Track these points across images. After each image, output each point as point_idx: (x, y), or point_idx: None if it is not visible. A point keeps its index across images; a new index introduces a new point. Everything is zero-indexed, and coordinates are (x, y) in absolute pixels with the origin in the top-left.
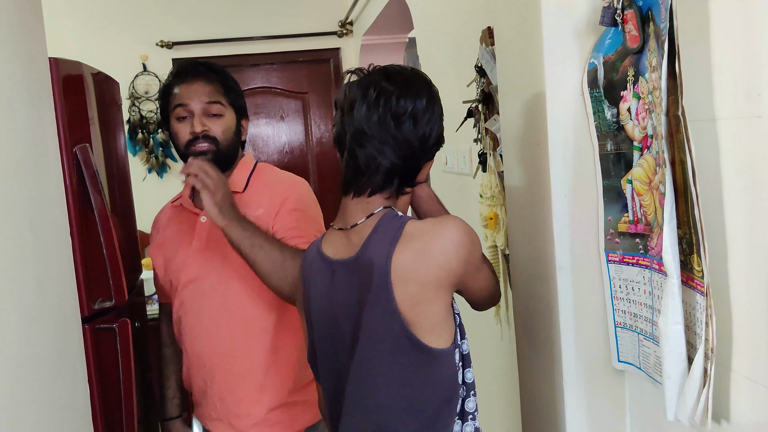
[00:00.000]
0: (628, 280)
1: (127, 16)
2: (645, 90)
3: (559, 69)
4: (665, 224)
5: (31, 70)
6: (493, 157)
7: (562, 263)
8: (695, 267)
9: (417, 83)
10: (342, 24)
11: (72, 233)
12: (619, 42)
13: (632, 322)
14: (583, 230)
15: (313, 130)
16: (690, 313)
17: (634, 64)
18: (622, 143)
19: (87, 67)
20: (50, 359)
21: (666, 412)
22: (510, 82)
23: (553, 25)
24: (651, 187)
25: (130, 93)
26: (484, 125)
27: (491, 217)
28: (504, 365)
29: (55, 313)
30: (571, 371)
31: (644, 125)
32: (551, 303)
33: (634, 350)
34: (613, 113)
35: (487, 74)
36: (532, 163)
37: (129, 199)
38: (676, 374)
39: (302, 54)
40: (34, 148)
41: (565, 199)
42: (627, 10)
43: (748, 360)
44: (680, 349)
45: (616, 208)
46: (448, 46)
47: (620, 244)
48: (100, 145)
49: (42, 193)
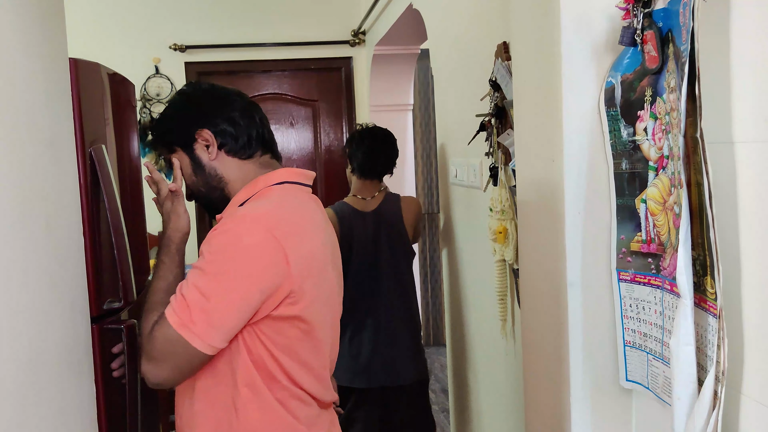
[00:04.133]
0: (639, 299)
1: (141, 18)
2: (662, 110)
3: (577, 86)
4: (680, 245)
5: (51, 70)
6: (505, 171)
7: (573, 280)
8: (708, 289)
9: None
10: (355, 33)
11: (84, 233)
12: (637, 62)
13: (642, 342)
14: (595, 248)
15: (322, 138)
16: (702, 335)
17: (652, 85)
18: (638, 162)
19: (104, 68)
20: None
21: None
22: (526, 98)
23: (572, 43)
24: (665, 207)
25: (141, 95)
26: (496, 139)
27: (500, 231)
28: (509, 381)
29: (66, 312)
30: (578, 389)
31: (660, 145)
32: (561, 319)
33: (642, 370)
34: (629, 132)
35: (502, 89)
36: (546, 178)
37: (140, 200)
38: (686, 396)
39: (314, 62)
40: (51, 148)
41: (578, 216)
42: (647, 31)
43: (759, 383)
44: (691, 371)
45: (629, 227)
46: (462, 59)
47: (632, 263)
48: (114, 146)
49: (58, 193)
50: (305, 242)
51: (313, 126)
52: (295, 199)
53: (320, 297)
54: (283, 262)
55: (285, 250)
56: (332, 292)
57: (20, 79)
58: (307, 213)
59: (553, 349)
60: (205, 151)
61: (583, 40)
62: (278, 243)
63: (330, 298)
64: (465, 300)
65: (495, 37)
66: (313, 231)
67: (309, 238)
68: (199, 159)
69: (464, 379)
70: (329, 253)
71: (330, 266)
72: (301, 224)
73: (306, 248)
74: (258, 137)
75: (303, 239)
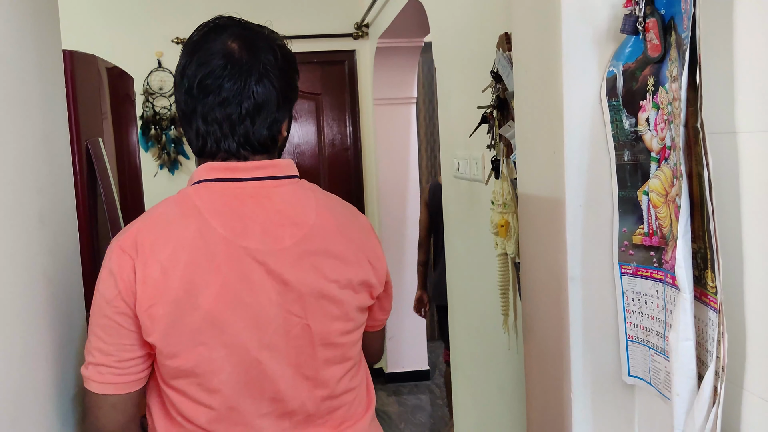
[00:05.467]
0: (641, 293)
1: (143, 12)
2: (664, 100)
3: (578, 76)
4: (679, 238)
5: (45, 62)
6: (507, 163)
7: (575, 274)
8: (709, 282)
9: None
10: (358, 26)
11: (81, 227)
12: (639, 51)
13: (644, 337)
14: (597, 241)
15: (325, 132)
16: (702, 330)
17: (654, 74)
18: (640, 154)
19: (102, 60)
20: (55, 355)
21: (674, 429)
22: (526, 89)
23: (573, 32)
24: (667, 199)
25: (144, 89)
26: (498, 131)
27: (502, 225)
28: (511, 375)
29: (62, 308)
30: (580, 384)
31: (662, 136)
32: (562, 314)
33: (645, 365)
34: (631, 123)
35: (503, 80)
36: (547, 171)
37: (139, 194)
38: (686, 391)
39: (317, 55)
40: (46, 142)
41: (579, 208)
42: (649, 19)
43: (761, 379)
44: (690, 366)
45: (632, 220)
46: (465, 51)
47: (634, 256)
48: (112, 140)
49: (52, 187)
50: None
51: (316, 120)
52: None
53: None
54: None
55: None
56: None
57: (12, 72)
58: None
59: (555, 344)
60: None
61: (585, 29)
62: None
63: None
64: (467, 294)
65: (497, 28)
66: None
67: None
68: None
69: (466, 373)
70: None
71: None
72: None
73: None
74: None
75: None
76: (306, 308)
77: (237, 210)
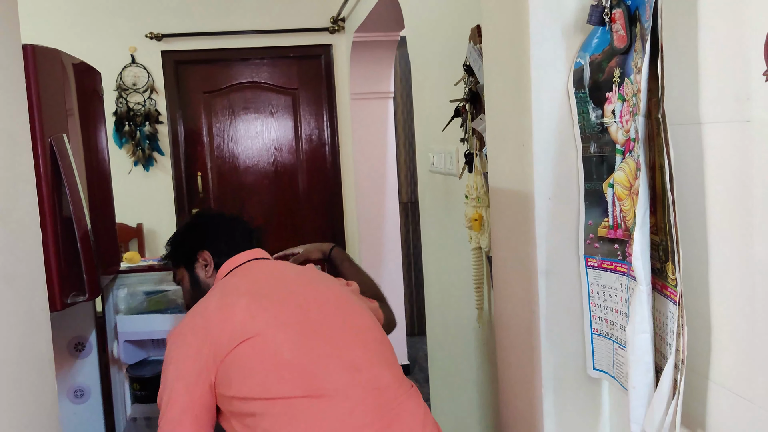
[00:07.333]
0: (606, 286)
1: (116, 7)
2: (630, 92)
3: (546, 68)
4: (637, 229)
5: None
6: (479, 157)
7: (543, 267)
8: (669, 275)
9: None
10: (334, 20)
11: (45, 226)
12: (606, 42)
13: (608, 330)
14: (565, 234)
15: (302, 127)
16: (662, 322)
17: (620, 65)
18: (606, 146)
19: (66, 55)
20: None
21: (630, 423)
22: (496, 81)
23: (541, 23)
24: (631, 192)
25: (117, 84)
26: (470, 125)
27: (476, 219)
28: (486, 370)
29: (24, 307)
30: (549, 378)
31: (627, 128)
32: (532, 307)
33: (609, 358)
34: (597, 115)
35: (475, 73)
36: (517, 164)
37: (108, 191)
38: (642, 384)
39: (293, 49)
40: (5, 138)
41: (548, 201)
42: (615, 9)
43: (726, 369)
44: (647, 359)
45: (597, 212)
46: (438, 45)
47: (599, 249)
48: (78, 136)
49: (12, 184)
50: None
51: (293, 115)
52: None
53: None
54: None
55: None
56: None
57: None
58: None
59: (525, 338)
60: (200, 266)
61: (553, 21)
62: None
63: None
64: (444, 289)
65: (470, 22)
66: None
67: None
68: (195, 276)
69: (444, 369)
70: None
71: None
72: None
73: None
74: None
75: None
76: None
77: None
